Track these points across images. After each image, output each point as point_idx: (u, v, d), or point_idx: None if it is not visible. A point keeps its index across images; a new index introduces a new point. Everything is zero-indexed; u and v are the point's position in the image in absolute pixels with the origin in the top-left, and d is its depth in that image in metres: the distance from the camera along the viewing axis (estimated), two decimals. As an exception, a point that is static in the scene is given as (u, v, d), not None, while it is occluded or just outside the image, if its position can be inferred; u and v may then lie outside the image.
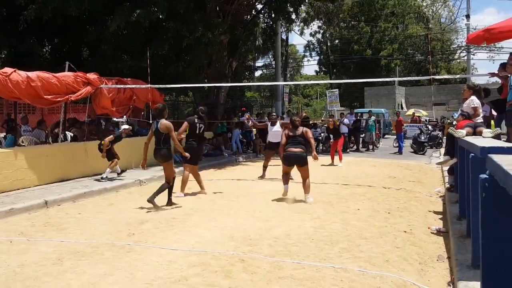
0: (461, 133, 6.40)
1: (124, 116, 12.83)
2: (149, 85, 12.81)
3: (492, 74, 9.37)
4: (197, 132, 9.37)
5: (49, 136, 11.98)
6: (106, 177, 10.92)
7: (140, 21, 13.83)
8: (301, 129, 8.80)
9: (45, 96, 10.53)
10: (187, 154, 8.58)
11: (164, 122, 8.03)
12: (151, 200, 7.88)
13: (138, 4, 14.02)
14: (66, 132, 12.72)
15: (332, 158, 14.96)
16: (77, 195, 9.07)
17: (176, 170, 12.29)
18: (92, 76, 11.99)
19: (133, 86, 13.18)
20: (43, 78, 10.48)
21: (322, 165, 14.20)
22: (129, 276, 4.57)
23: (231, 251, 5.35)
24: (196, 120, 9.40)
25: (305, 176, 8.61)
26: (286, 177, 8.88)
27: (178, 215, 7.45)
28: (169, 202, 8.29)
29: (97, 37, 15.09)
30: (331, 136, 16.01)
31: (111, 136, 11.31)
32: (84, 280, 4.48)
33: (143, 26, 14.28)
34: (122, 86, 12.89)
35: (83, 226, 6.80)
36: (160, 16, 15.08)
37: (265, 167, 11.85)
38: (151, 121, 13.33)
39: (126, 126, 11.91)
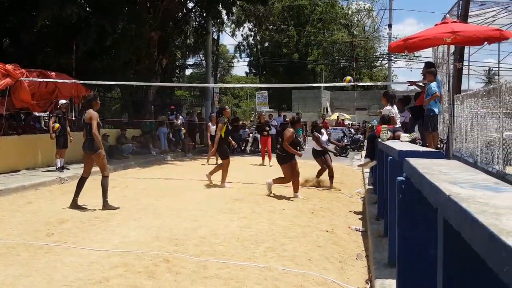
0: (386, 135, 6.69)
1: (47, 112, 12.31)
2: (73, 80, 12.31)
3: (411, 83, 9.91)
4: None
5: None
6: (63, 166, 11.09)
7: (68, 17, 13.31)
8: None
9: (-42, 87, 9.87)
10: (102, 153, 7.92)
11: (88, 111, 7.66)
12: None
13: None
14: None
15: (263, 158, 15.06)
16: (-8, 193, 8.58)
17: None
18: (11, 67, 11.37)
19: (56, 80, 12.62)
20: (-44, 68, 9.81)
21: (253, 164, 14.33)
22: (47, 278, 4.39)
23: (155, 251, 5.29)
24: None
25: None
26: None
27: (101, 214, 7.25)
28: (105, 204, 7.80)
29: (18, 26, 14.32)
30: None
31: (53, 117, 11.23)
32: (-3, 282, 4.27)
33: (69, 20, 13.74)
34: (44, 79, 12.31)
35: (-2, 225, 6.45)
36: (88, 9, 14.59)
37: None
38: (74, 118, 12.86)
39: (63, 101, 11.53)
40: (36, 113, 12.82)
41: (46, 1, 13.26)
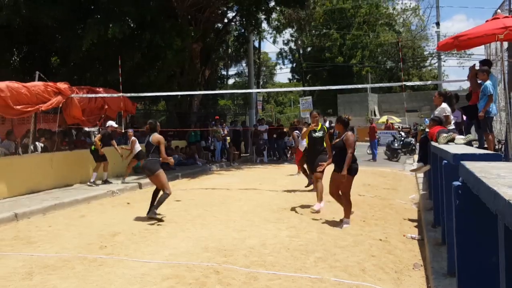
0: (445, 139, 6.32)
1: (97, 127, 12.68)
2: (121, 94, 12.63)
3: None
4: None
5: (19, 147, 11.71)
6: (106, 180, 11.43)
7: (115, 36, 13.75)
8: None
9: (15, 107, 10.32)
10: (171, 162, 8.43)
11: (156, 135, 8.02)
12: (151, 215, 7.71)
13: (109, 15, 13.88)
14: (36, 143, 12.44)
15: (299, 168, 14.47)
16: (48, 207, 8.85)
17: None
18: (62, 85, 11.80)
19: (104, 95, 12.98)
20: (12, 88, 10.28)
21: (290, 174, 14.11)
22: (101, 291, 4.45)
23: (205, 262, 5.28)
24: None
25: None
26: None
27: (151, 226, 7.33)
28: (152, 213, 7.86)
29: (67, 46, 14.87)
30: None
31: (99, 134, 11.53)
32: (54, 295, 4.35)
33: (115, 38, 14.18)
34: (93, 95, 12.68)
35: (54, 239, 6.64)
36: (132, 25, 14.97)
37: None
38: (123, 130, 13.14)
39: (111, 123, 11.94)
40: (87, 129, 13.21)
41: (92, 23, 13.72)
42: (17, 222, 7.89)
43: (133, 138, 12.48)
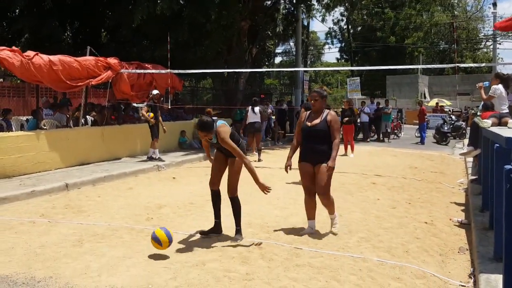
0: (487, 123, 6.24)
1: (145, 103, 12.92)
2: (168, 70, 12.79)
3: None
4: None
5: (70, 120, 12.10)
6: (151, 156, 11.48)
7: (164, 12, 13.87)
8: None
9: (66, 80, 10.55)
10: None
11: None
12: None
13: None
14: (87, 116, 12.82)
15: (346, 148, 14.42)
16: (97, 179, 9.16)
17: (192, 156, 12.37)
18: (112, 60, 11.98)
19: (153, 71, 13.16)
20: (64, 62, 10.48)
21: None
22: (147, 259, 4.62)
23: (248, 237, 5.35)
24: None
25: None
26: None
27: (196, 200, 7.47)
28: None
29: (117, 22, 15.13)
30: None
31: (145, 107, 11.52)
32: (103, 262, 4.54)
33: (164, 14, 14.31)
34: (142, 71, 12.87)
35: (103, 209, 6.88)
36: (182, 1, 15.05)
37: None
38: (170, 106, 13.30)
39: (154, 92, 11.86)
40: (135, 104, 13.47)
41: (141, 1, 13.87)
42: (68, 192, 8.21)
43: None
